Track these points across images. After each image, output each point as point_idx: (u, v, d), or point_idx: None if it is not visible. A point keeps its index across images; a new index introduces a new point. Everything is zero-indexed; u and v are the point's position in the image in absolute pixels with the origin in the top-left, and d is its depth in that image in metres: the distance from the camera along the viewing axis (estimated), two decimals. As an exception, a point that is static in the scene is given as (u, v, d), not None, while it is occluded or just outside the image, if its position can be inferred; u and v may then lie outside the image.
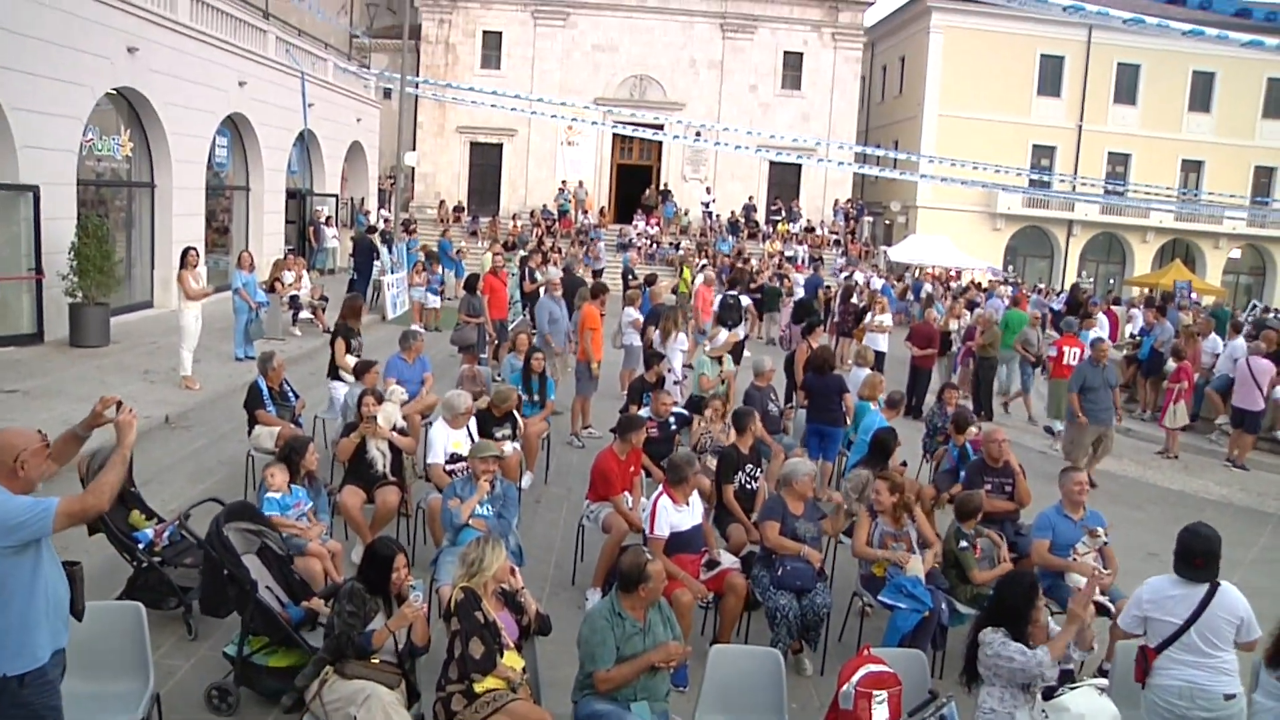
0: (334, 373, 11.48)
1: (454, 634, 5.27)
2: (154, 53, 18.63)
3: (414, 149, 39.05)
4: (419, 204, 40.74)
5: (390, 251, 24.45)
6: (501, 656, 5.24)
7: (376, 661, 5.30)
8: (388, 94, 36.49)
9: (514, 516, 7.55)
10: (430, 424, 9.19)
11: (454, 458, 8.40)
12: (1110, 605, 7.30)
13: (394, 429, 8.74)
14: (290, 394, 10.11)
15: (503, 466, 9.50)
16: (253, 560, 6.30)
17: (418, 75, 36.78)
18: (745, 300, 19.92)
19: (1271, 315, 33.79)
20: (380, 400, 8.83)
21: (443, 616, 5.45)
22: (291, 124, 26.24)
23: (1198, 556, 5.48)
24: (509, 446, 9.91)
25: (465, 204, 41.31)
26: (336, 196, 31.76)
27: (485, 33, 41.59)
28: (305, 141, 28.21)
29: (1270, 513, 13.27)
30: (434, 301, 21.88)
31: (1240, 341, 17.21)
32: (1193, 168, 44.59)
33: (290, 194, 27.91)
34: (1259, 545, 9.83)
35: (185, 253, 14.43)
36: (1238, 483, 14.50)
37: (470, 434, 8.67)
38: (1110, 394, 13.22)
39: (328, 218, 29.88)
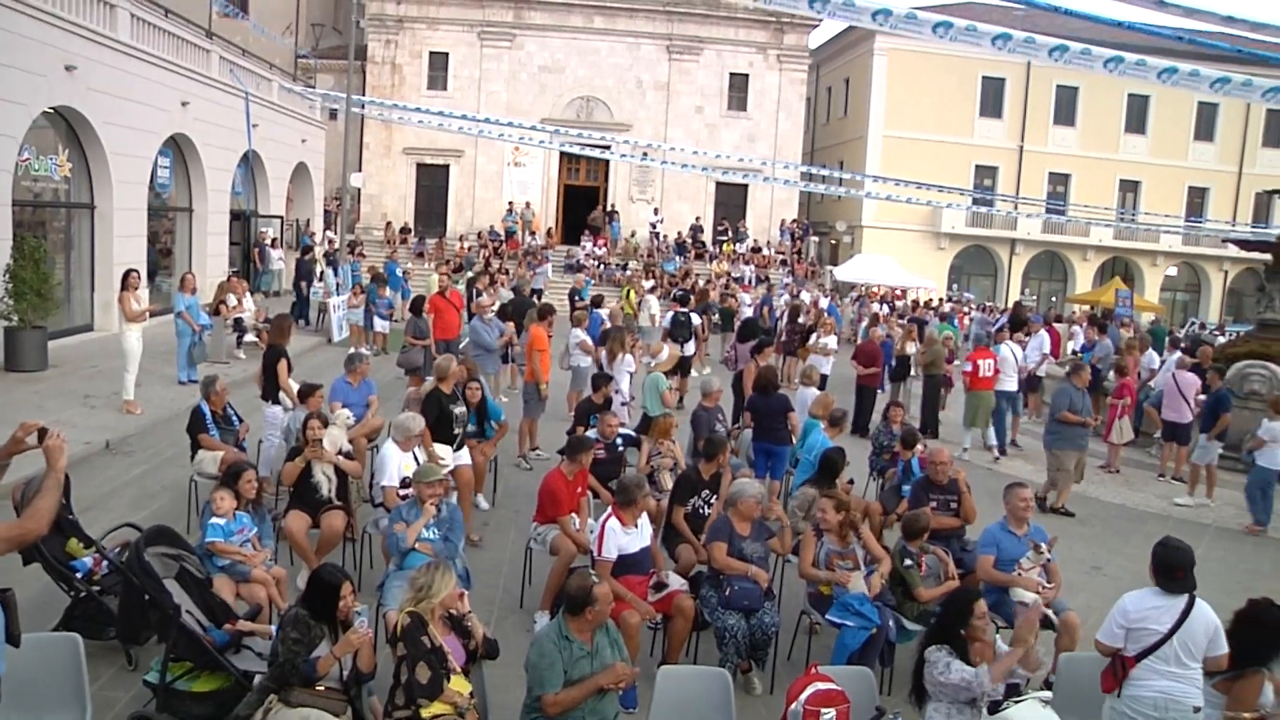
0: (270, 395, 11.03)
1: (400, 659, 5.22)
2: (93, 71, 18.38)
3: (360, 170, 38.80)
4: (365, 225, 40.49)
5: (336, 273, 24.28)
6: (448, 681, 5.20)
7: (322, 689, 5.24)
8: (334, 115, 36.24)
9: (460, 539, 7.51)
10: (376, 447, 9.11)
11: (405, 481, 8.34)
12: (1055, 619, 7.41)
13: (339, 453, 8.66)
14: (234, 418, 9.98)
15: (457, 477, 9.51)
16: (173, 584, 6.19)
17: (364, 96, 36.62)
18: (695, 319, 20.19)
19: (1207, 331, 34.63)
20: (325, 424, 8.74)
21: (389, 642, 5.40)
22: (236, 145, 26.01)
23: (1178, 569, 5.67)
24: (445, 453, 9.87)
25: (412, 225, 41.11)
26: (282, 218, 31.47)
27: (432, 54, 41.52)
28: (250, 162, 27.95)
29: (1206, 524, 13.53)
30: (383, 325, 21.66)
31: (1177, 356, 17.64)
32: (1130, 187, 45.68)
33: (234, 215, 27.61)
34: (1198, 555, 9.99)
35: (126, 274, 14.24)
36: (1176, 495, 14.71)
37: (417, 458, 8.61)
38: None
39: (273, 239, 29.59)
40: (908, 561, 7.68)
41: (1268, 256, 20.53)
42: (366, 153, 41.38)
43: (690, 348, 19.03)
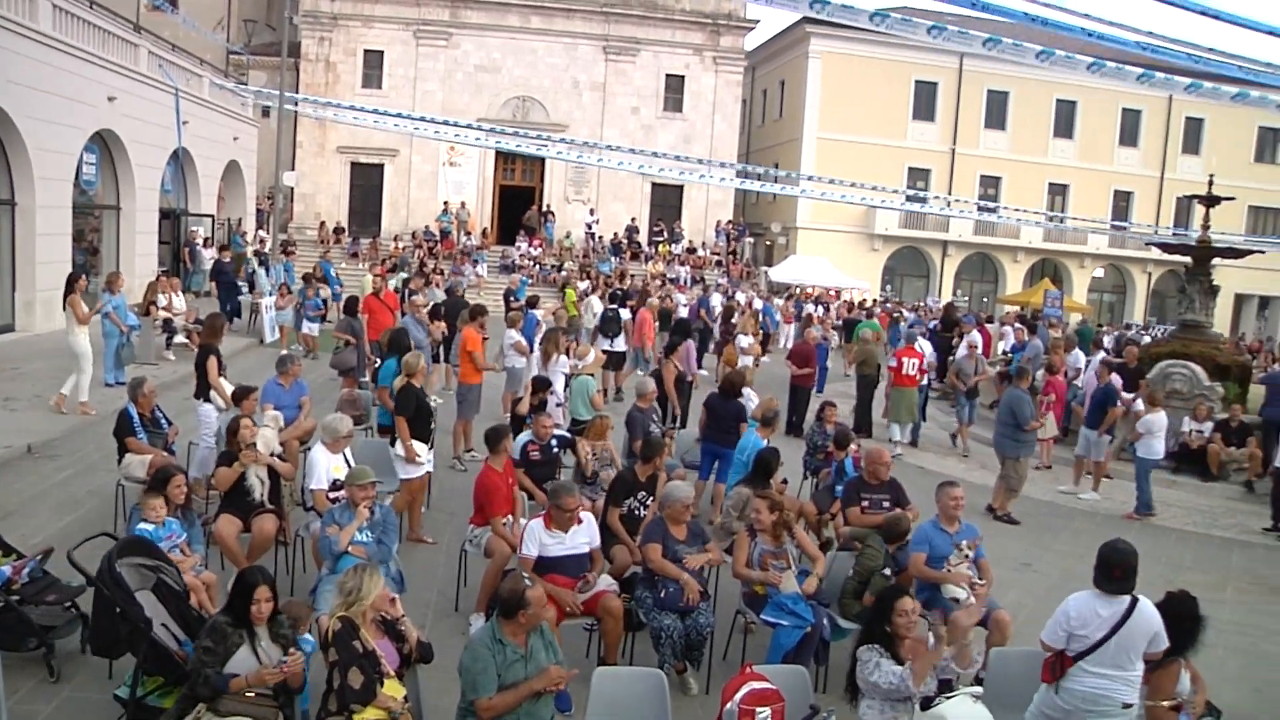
0: (203, 393, 10.84)
1: (332, 665, 5.17)
2: (13, 64, 17.90)
3: (293, 169, 38.30)
4: (298, 225, 39.98)
5: (268, 273, 23.94)
6: (382, 686, 5.17)
7: (252, 695, 5.17)
8: (266, 112, 35.74)
9: (394, 542, 7.45)
10: (308, 449, 9.02)
11: (335, 484, 8.25)
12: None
13: (271, 455, 8.55)
14: (162, 420, 9.80)
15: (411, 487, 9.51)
16: (147, 597, 6.04)
17: (297, 94, 36.14)
18: (625, 314, 20.48)
19: (1134, 331, 35.45)
20: (256, 426, 8.63)
21: (321, 647, 5.34)
22: (165, 141, 25.53)
23: (1115, 569, 5.77)
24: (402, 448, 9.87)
25: (346, 225, 40.66)
26: (213, 216, 30.96)
27: (367, 52, 41.10)
28: (180, 160, 27.46)
29: (1132, 519, 13.86)
30: (311, 327, 21.31)
31: (1100, 358, 18.10)
32: (1059, 190, 46.58)
33: (164, 214, 27.09)
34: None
35: (74, 277, 13.97)
36: (1103, 491, 15.05)
37: (348, 459, 8.52)
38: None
39: (204, 238, 29.09)
40: (887, 570, 7.74)
41: (1188, 259, 21.10)
42: (300, 151, 40.85)
43: (621, 343, 19.45)
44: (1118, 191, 47.21)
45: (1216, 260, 20.72)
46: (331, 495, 8.15)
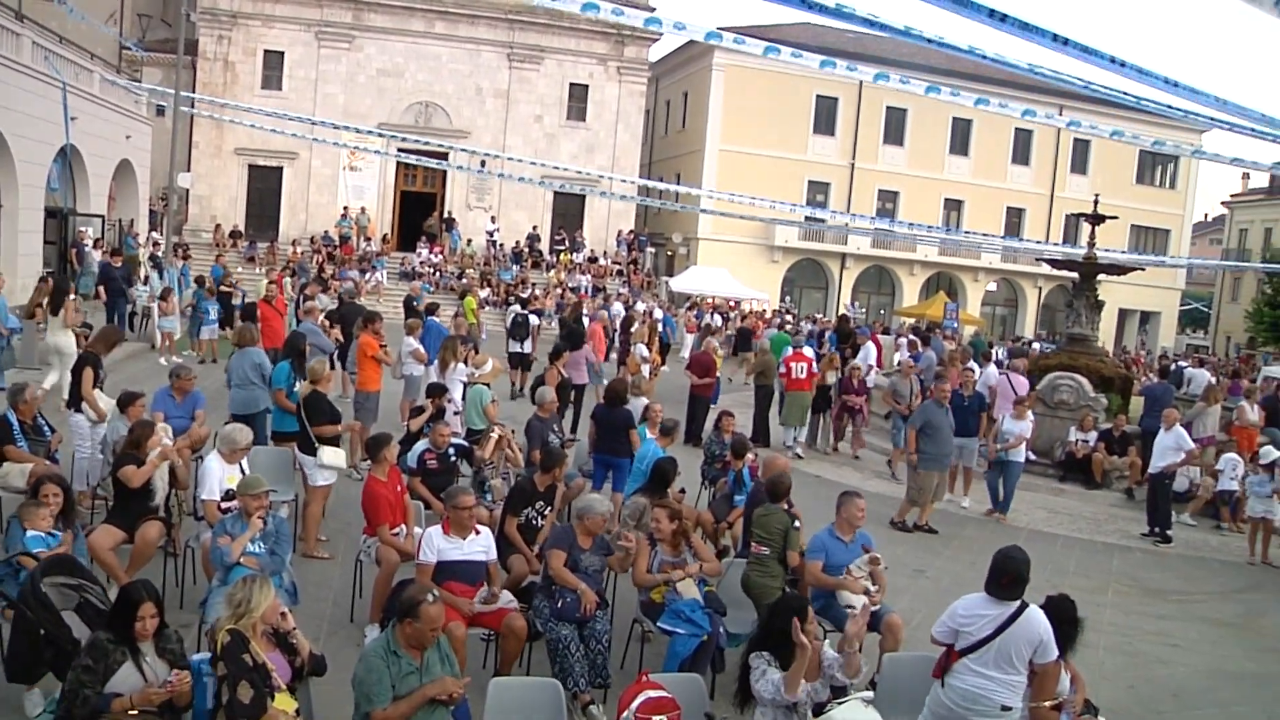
0: (75, 404, 10.45)
1: (221, 679, 5.06)
2: None
3: (188, 170, 37.39)
4: (193, 227, 39.10)
5: (161, 276, 23.33)
6: (273, 699, 5.06)
7: (135, 714, 4.99)
8: (161, 111, 34.76)
9: (287, 553, 7.32)
10: (201, 458, 8.83)
11: (229, 494, 8.05)
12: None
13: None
14: (45, 428, 9.45)
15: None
16: (72, 617, 5.80)
17: (193, 92, 35.29)
18: (534, 319, 21.10)
19: (1022, 343, 36.52)
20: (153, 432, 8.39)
21: (210, 662, 5.22)
22: (51, 138, 24.66)
23: (1005, 575, 5.95)
24: (329, 454, 9.77)
25: (242, 228, 39.83)
26: (103, 217, 29.99)
27: (266, 52, 40.38)
28: (67, 157, 26.59)
29: (1021, 527, 14.28)
30: (209, 332, 20.81)
31: (992, 369, 18.65)
32: (954, 206, 47.75)
33: (50, 213, 26.15)
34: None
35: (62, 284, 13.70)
36: (974, 497, 15.36)
37: (243, 469, 8.35)
38: (952, 439, 13.62)
39: (94, 240, 28.19)
40: (797, 524, 7.87)
41: (1075, 275, 21.79)
42: (196, 152, 39.92)
43: (528, 345, 20.65)
44: (1010, 208, 48.63)
45: (1101, 276, 21.45)
46: (224, 506, 7.97)
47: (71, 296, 14.38)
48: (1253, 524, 14.29)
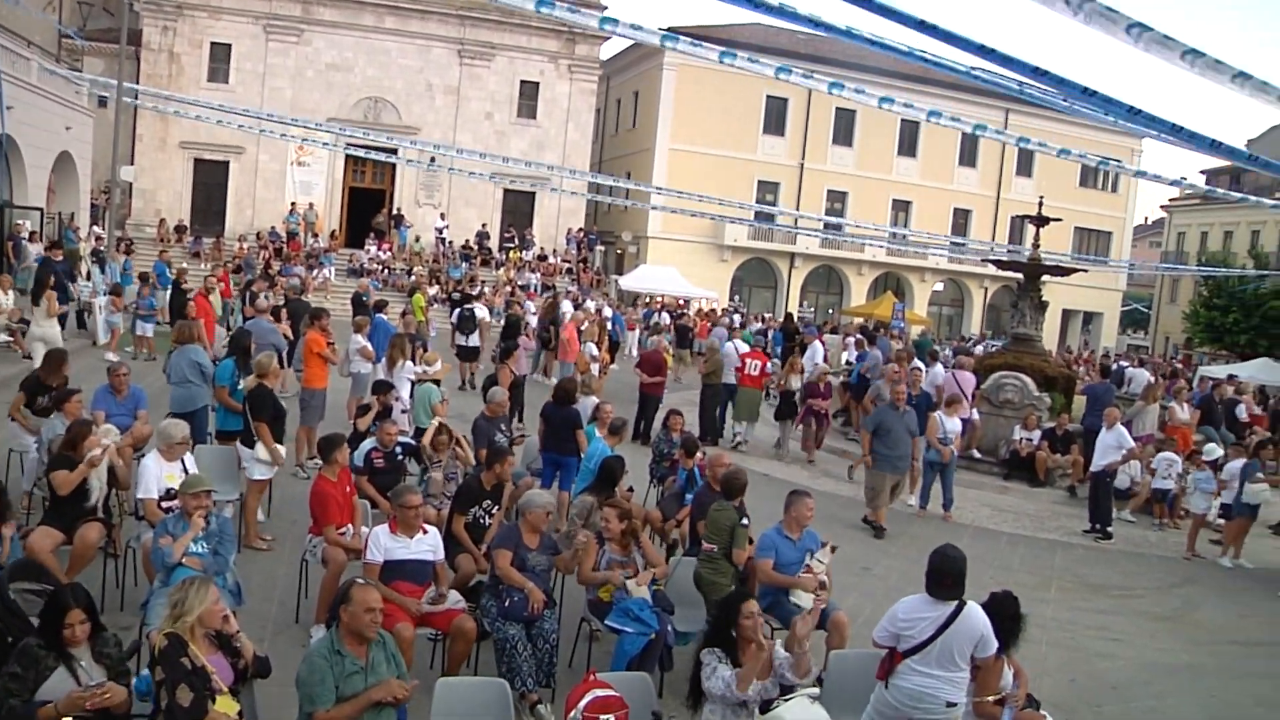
0: None
1: (159, 683, 4.97)
2: None
3: (132, 163, 36.78)
4: (136, 222, 38.41)
5: (104, 271, 22.92)
6: (213, 702, 4.98)
7: (67, 720, 4.89)
8: (103, 102, 34.15)
9: (231, 553, 7.22)
10: (143, 455, 8.69)
11: (170, 493, 7.93)
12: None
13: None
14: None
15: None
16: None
17: (137, 84, 34.68)
18: (480, 312, 21.63)
19: (969, 343, 36.97)
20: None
21: (149, 666, 5.13)
22: (-14, 129, 24.14)
23: (946, 576, 6.02)
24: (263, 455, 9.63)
25: (188, 223, 39.21)
26: (42, 210, 29.40)
27: (213, 44, 39.76)
28: (3, 148, 26.02)
29: (966, 524, 14.45)
30: (145, 328, 20.45)
31: (939, 368, 18.86)
32: (902, 207, 48.21)
33: (-16, 205, 25.67)
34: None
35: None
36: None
37: (185, 467, 8.23)
38: (909, 442, 13.51)
39: (31, 233, 27.62)
40: (744, 520, 7.91)
41: (1020, 276, 22.09)
42: (139, 145, 39.27)
43: (475, 338, 21.13)
44: (957, 209, 49.21)
45: (1046, 277, 21.76)
46: (165, 505, 7.84)
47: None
48: (1194, 520, 14.61)
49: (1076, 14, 4.40)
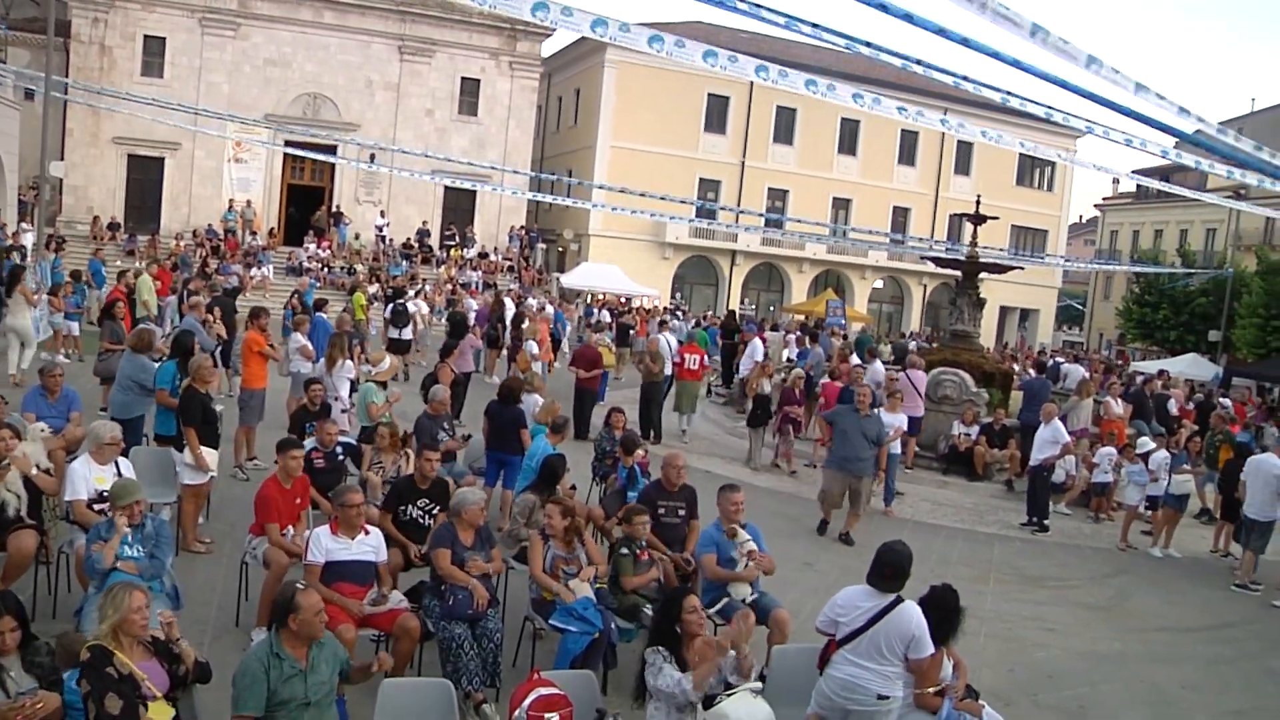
0: None
1: (85, 696, 4.86)
2: None
3: (62, 158, 36.02)
4: (68, 219, 37.61)
5: (33, 270, 22.39)
6: (146, 709, 4.90)
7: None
8: (30, 95, 33.36)
9: (168, 556, 7.09)
10: (75, 458, 8.53)
11: (104, 495, 7.75)
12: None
13: (36, 467, 8.01)
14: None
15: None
16: None
17: (66, 77, 33.93)
18: (412, 307, 22.42)
19: (905, 339, 37.39)
20: (19, 435, 8.06)
21: (75, 679, 5.02)
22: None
23: (887, 568, 6.14)
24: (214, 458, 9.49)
25: (122, 220, 38.45)
26: (-35, 207, 28.74)
27: (147, 37, 38.98)
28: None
29: (906, 518, 14.63)
30: (70, 325, 19.96)
31: (878, 365, 19.09)
32: (842, 205, 48.55)
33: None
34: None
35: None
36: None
37: (118, 468, 8.08)
38: (869, 447, 12.98)
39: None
40: (624, 550, 7.91)
41: (958, 274, 22.38)
42: (70, 140, 38.37)
43: (409, 332, 22.09)
44: (897, 207, 49.68)
45: (983, 275, 22.07)
46: (98, 508, 7.68)
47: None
48: (1127, 512, 14.94)
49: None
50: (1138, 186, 53.41)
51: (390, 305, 23.40)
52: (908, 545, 6.34)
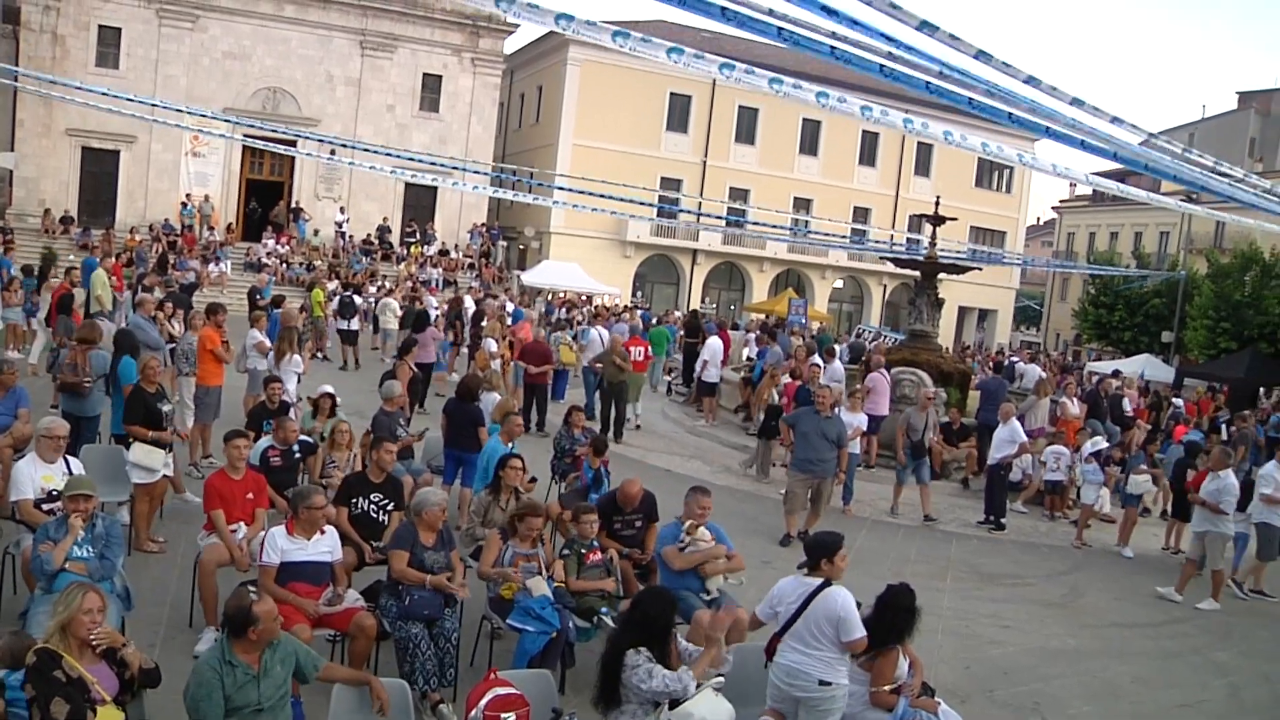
0: None
1: (30, 700, 4.77)
2: None
3: (12, 149, 35.44)
4: (18, 212, 37.00)
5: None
6: (95, 714, 4.81)
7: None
8: (-22, 85, 32.80)
9: (119, 557, 6.97)
10: (22, 456, 8.39)
11: (53, 495, 7.62)
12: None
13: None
14: None
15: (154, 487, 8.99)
16: None
17: (16, 66, 33.36)
18: (358, 300, 23.54)
19: (867, 335, 37.64)
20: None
21: (20, 684, 4.92)
22: None
23: (810, 551, 6.48)
24: (139, 451, 9.41)
25: (75, 214, 37.85)
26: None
27: (101, 27, 38.34)
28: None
29: (865, 517, 14.70)
30: (31, 322, 19.66)
31: (837, 364, 19.22)
32: (803, 204, 48.70)
33: None
34: (855, 547, 10.81)
35: None
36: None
37: (69, 466, 7.95)
38: (830, 449, 12.81)
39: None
40: (565, 550, 8.00)
41: (918, 274, 22.54)
42: (20, 131, 37.72)
43: (356, 323, 23.10)
44: (857, 208, 49.88)
45: (942, 275, 22.22)
46: (47, 507, 7.55)
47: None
48: (1083, 510, 15.12)
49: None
50: (1093, 190, 54.06)
51: (337, 298, 24.38)
52: (840, 534, 6.64)
